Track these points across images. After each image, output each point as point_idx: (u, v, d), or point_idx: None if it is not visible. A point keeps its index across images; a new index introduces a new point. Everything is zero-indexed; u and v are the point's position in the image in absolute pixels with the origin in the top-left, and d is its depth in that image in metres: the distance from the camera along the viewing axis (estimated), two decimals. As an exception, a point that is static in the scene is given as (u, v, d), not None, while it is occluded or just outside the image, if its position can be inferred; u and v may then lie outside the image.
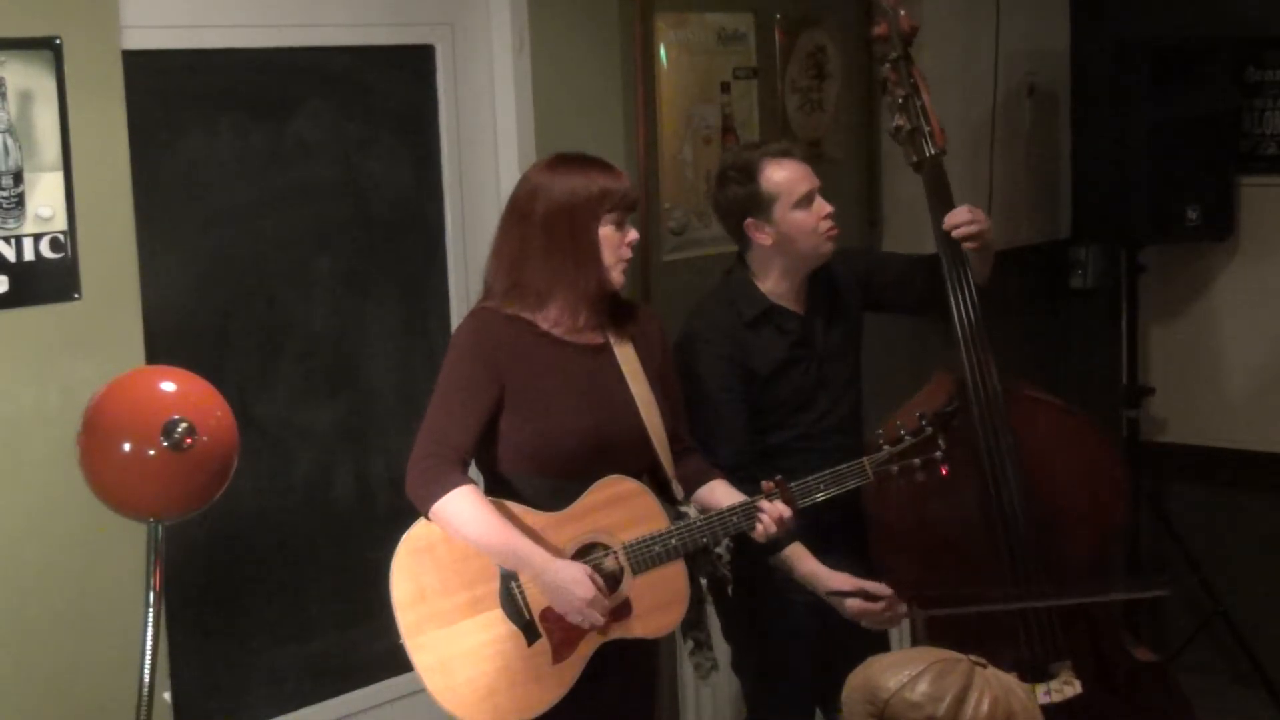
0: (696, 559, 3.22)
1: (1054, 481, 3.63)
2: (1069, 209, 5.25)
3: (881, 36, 3.71)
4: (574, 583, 3.02)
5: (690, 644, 3.30)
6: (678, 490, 3.25)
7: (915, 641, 3.96)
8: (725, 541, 3.26)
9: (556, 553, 3.08)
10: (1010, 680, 2.10)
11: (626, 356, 3.23)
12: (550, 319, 3.16)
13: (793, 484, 3.23)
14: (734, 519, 3.19)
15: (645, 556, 3.12)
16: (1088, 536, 3.69)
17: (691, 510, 3.22)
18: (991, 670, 2.09)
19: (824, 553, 3.55)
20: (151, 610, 2.92)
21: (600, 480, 3.13)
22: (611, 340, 3.23)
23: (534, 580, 3.06)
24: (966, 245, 3.61)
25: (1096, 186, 5.07)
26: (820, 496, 3.26)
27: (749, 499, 3.21)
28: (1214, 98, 4.98)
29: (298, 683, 3.83)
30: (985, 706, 2.03)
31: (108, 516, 2.93)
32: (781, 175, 3.52)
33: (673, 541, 3.13)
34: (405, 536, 3.09)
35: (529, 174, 3.24)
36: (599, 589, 3.04)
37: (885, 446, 3.28)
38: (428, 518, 3.08)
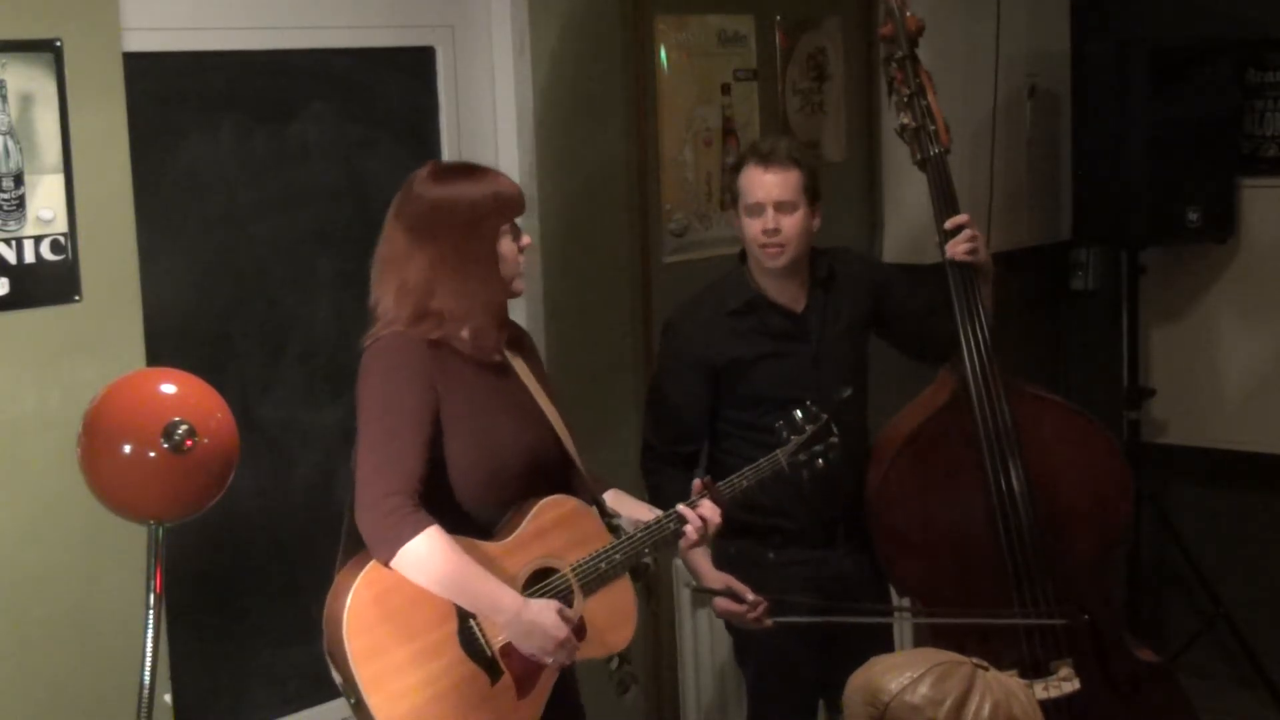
0: (635, 569, 3.13)
1: (1058, 482, 3.64)
2: (1070, 211, 5.24)
3: (888, 36, 3.72)
4: (552, 625, 2.92)
5: (614, 660, 3.12)
6: (604, 503, 3.17)
7: (916, 637, 3.96)
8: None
9: (511, 582, 2.96)
10: (1012, 684, 2.09)
11: (524, 372, 3.13)
12: (466, 342, 3.02)
13: (720, 483, 3.21)
14: (670, 524, 3.13)
15: (593, 576, 3.03)
16: (1091, 537, 3.69)
17: (624, 522, 3.14)
18: (993, 673, 2.08)
19: (828, 548, 3.59)
20: (152, 612, 2.92)
21: (543, 502, 3.02)
22: (508, 357, 3.12)
23: (507, 624, 2.93)
24: (962, 257, 3.62)
25: (1097, 188, 5.06)
26: (744, 487, 3.24)
27: (680, 505, 3.16)
28: (1215, 99, 4.98)
29: (299, 685, 3.83)
30: (986, 710, 2.02)
31: (108, 519, 2.93)
32: (745, 178, 3.53)
33: (616, 557, 3.05)
34: (352, 590, 2.88)
35: (416, 189, 3.03)
36: (570, 625, 2.96)
37: (792, 438, 3.27)
38: (386, 563, 2.87)
